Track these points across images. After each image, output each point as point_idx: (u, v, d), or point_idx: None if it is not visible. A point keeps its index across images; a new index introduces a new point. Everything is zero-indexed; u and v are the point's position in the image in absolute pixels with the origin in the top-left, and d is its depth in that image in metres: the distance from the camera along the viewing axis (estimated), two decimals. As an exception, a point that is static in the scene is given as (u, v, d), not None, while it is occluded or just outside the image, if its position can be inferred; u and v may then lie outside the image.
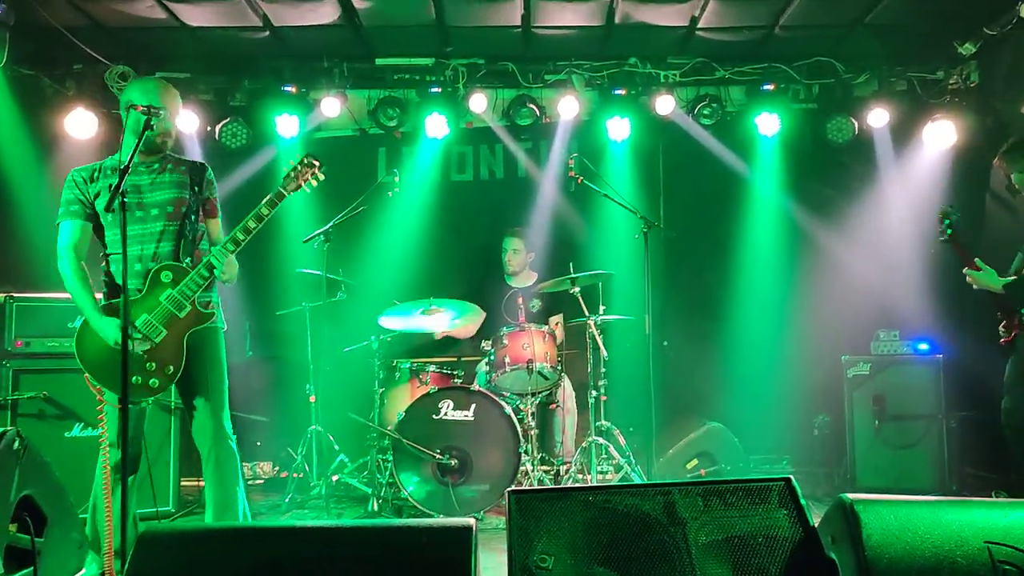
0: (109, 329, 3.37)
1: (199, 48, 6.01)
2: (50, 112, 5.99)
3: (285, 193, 3.62)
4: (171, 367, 3.43)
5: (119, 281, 3.31)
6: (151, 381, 3.39)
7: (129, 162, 3.14)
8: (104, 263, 3.57)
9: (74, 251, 3.48)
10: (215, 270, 3.46)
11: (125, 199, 3.05)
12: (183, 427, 4.93)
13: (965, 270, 4.51)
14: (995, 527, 2.12)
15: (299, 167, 3.67)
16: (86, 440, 4.63)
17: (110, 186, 3.39)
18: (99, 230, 3.57)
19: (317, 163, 3.71)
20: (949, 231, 4.57)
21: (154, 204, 3.54)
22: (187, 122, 6.08)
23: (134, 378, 3.31)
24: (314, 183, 3.73)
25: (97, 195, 3.50)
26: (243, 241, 3.51)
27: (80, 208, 3.50)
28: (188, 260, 3.56)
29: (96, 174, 3.53)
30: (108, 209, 3.06)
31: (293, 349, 6.05)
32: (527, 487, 4.29)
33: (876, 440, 5.54)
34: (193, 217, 3.64)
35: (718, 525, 2.22)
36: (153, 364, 3.40)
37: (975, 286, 4.50)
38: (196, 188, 3.66)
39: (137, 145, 3.21)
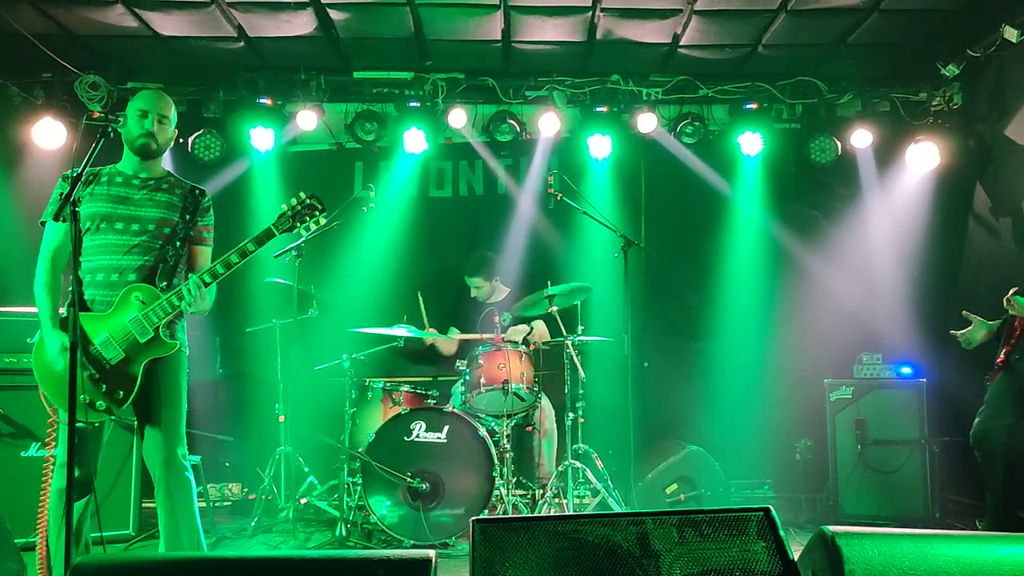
0: (53, 343, 3.24)
1: (172, 58, 5.91)
2: (17, 121, 5.86)
3: (276, 233, 3.43)
4: (121, 392, 3.27)
5: (84, 293, 3.29)
6: (98, 403, 3.25)
7: (83, 171, 3.00)
8: (73, 272, 3.41)
9: (51, 258, 3.37)
10: (183, 301, 3.30)
11: (77, 208, 2.94)
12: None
13: (1013, 291, 4.39)
14: (983, 563, 2.02)
15: (299, 208, 3.47)
16: (43, 460, 4.43)
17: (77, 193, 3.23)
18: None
19: (320, 206, 3.50)
20: None
21: (137, 219, 3.41)
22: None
23: (81, 396, 3.15)
24: (313, 227, 3.51)
25: (80, 200, 3.34)
26: (222, 275, 3.34)
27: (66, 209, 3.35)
28: (164, 284, 3.40)
29: (90, 178, 3.40)
30: (56, 219, 2.92)
31: (263, 367, 5.91)
32: (495, 516, 4.15)
33: (859, 465, 5.45)
34: (178, 243, 3.49)
35: (693, 558, 2.11)
36: (103, 386, 3.26)
37: (1012, 310, 4.39)
38: (188, 215, 3.52)
39: (91, 155, 3.06)
